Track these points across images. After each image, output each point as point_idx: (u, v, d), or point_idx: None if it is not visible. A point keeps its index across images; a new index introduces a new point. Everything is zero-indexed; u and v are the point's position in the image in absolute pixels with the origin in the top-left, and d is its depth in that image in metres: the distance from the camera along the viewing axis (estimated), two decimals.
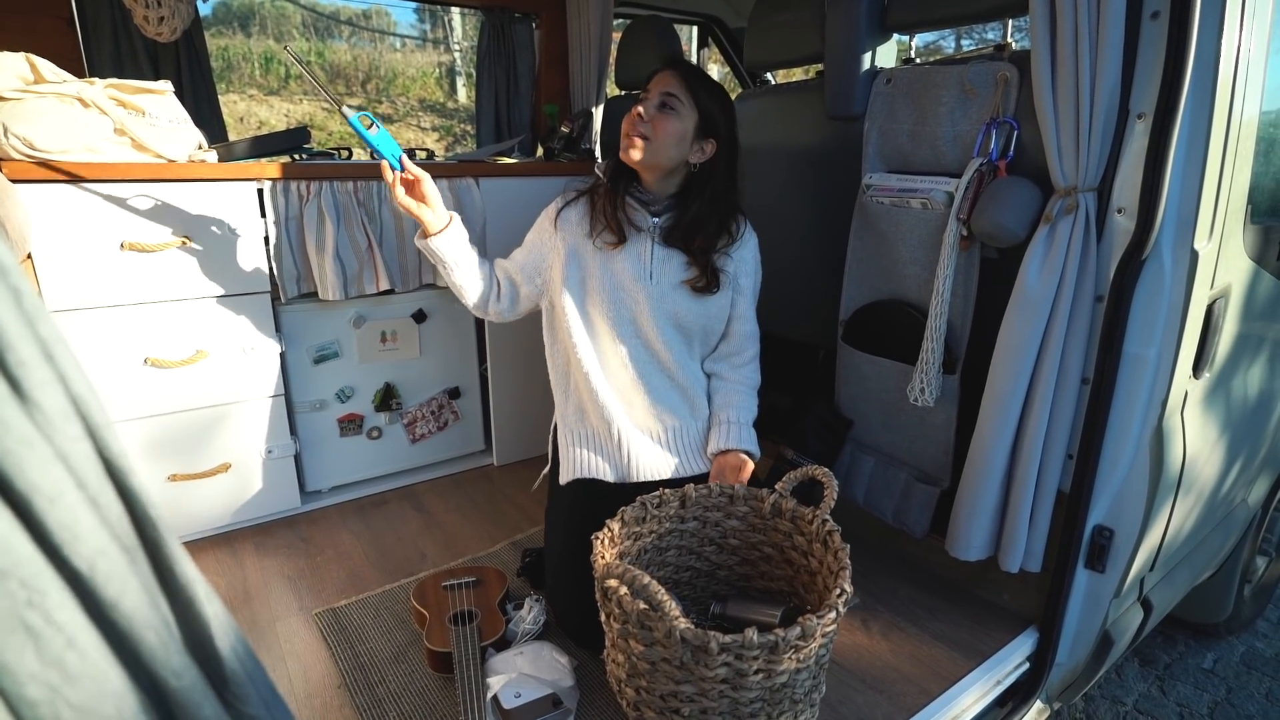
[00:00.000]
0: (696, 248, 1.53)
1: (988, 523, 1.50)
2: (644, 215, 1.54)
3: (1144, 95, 1.26)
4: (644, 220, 1.53)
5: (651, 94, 1.48)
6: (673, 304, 1.53)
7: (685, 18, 3.22)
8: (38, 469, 0.26)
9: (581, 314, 1.54)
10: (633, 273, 1.52)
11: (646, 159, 1.47)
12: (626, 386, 1.56)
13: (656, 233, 1.53)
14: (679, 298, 1.53)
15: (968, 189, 1.47)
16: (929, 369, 1.55)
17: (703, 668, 1.03)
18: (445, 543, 1.88)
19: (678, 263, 1.53)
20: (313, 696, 1.35)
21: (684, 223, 1.53)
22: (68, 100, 1.50)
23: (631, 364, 1.54)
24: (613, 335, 1.53)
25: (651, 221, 1.53)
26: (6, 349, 0.26)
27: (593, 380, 1.53)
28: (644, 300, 1.52)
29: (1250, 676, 2.08)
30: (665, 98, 1.46)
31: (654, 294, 1.52)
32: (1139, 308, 1.33)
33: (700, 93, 1.48)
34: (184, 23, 1.99)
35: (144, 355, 1.68)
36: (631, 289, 1.52)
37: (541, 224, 1.60)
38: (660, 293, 1.52)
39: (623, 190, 1.54)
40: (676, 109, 1.46)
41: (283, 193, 1.77)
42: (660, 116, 1.45)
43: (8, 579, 0.25)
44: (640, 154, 1.46)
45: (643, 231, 1.53)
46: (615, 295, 1.52)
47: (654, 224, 1.53)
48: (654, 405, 1.57)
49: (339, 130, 8.87)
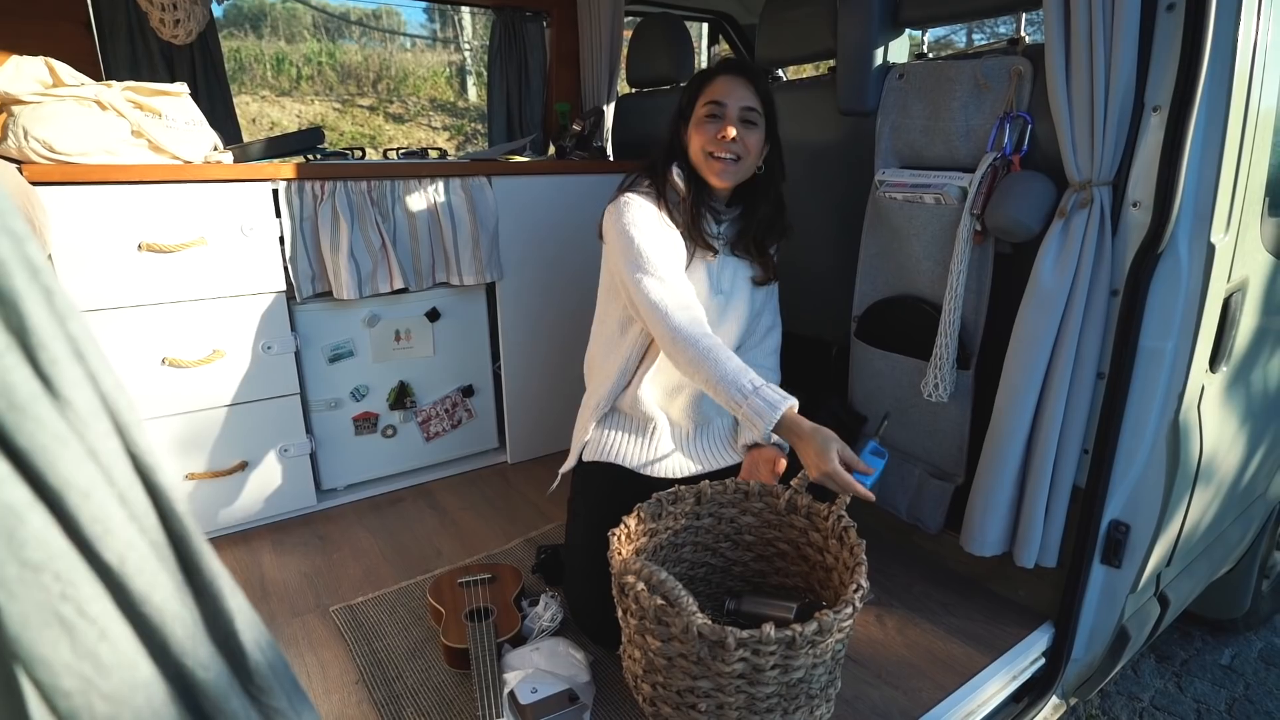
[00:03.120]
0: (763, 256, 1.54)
1: (1003, 518, 1.50)
2: (711, 223, 1.52)
3: (1159, 88, 1.24)
4: (711, 227, 1.52)
5: (729, 107, 1.42)
6: (734, 305, 1.54)
7: (696, 14, 3.21)
8: (70, 465, 0.27)
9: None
10: (706, 286, 1.51)
11: (734, 180, 1.46)
12: (673, 385, 1.57)
13: (722, 241, 1.52)
14: (737, 295, 1.54)
15: (981, 184, 1.46)
16: (943, 364, 1.54)
17: (720, 663, 1.03)
18: (460, 540, 1.89)
19: (742, 267, 1.54)
20: (331, 692, 1.36)
21: (754, 227, 1.53)
22: (86, 103, 1.51)
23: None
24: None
25: (717, 229, 1.52)
26: (39, 347, 0.26)
27: (651, 373, 1.53)
28: (712, 307, 1.52)
29: (1269, 673, 2.06)
30: (746, 112, 1.43)
31: (720, 302, 1.53)
32: (1155, 302, 1.31)
33: (768, 101, 1.46)
34: (199, 25, 2.01)
35: (161, 355, 1.70)
36: (704, 296, 1.51)
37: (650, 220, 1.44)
38: (725, 299, 1.53)
39: (703, 203, 1.49)
40: (756, 122, 1.44)
41: (297, 193, 1.78)
42: (747, 133, 1.43)
43: (43, 573, 0.26)
44: (733, 178, 1.44)
45: (711, 238, 1.51)
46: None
47: (719, 231, 1.52)
48: (691, 405, 1.58)
49: (350, 130, 8.93)
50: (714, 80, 1.46)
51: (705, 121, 1.44)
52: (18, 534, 0.25)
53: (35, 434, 0.25)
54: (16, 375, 0.25)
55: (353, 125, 9.09)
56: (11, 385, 0.25)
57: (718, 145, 1.42)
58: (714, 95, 1.44)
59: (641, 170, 1.55)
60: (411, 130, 9.48)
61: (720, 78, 1.46)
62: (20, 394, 0.25)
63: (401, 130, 9.39)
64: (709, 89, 1.46)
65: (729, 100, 1.43)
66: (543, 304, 2.24)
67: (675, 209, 1.48)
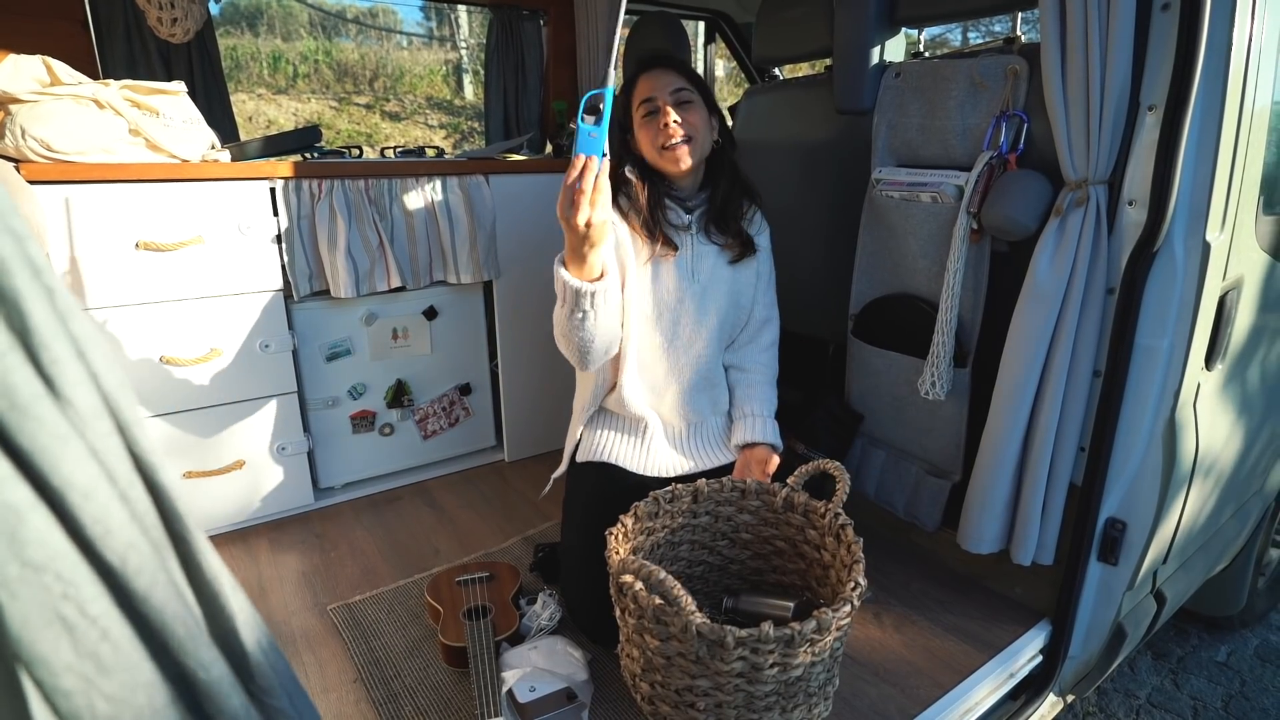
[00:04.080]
0: (733, 228, 1.54)
1: (999, 516, 1.50)
2: (679, 213, 1.52)
3: (1155, 87, 1.25)
4: (680, 218, 1.52)
5: (660, 98, 1.43)
6: (712, 295, 1.54)
7: (692, 13, 3.21)
8: (72, 465, 0.27)
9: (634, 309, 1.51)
10: (678, 274, 1.51)
11: (696, 158, 1.46)
12: (659, 383, 1.56)
13: (695, 228, 1.53)
14: (716, 283, 1.54)
15: (978, 182, 1.46)
16: (940, 362, 1.55)
17: (719, 662, 1.03)
18: (458, 538, 1.89)
19: (715, 249, 1.54)
20: (329, 691, 1.36)
21: (718, 206, 1.54)
22: (83, 102, 1.51)
23: (667, 360, 1.55)
24: (654, 334, 1.53)
25: (687, 218, 1.53)
26: (41, 348, 0.26)
27: (631, 374, 1.53)
28: (688, 300, 1.52)
29: (1265, 669, 2.07)
30: (678, 94, 1.44)
31: (695, 291, 1.53)
32: (1151, 300, 1.32)
33: (694, 76, 1.47)
34: (196, 24, 2.00)
35: (159, 353, 1.69)
36: (676, 290, 1.52)
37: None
38: (701, 289, 1.53)
39: (660, 196, 1.50)
40: (691, 100, 1.45)
41: (295, 191, 1.78)
42: (686, 112, 1.44)
43: (44, 573, 0.26)
44: (692, 157, 1.45)
45: (681, 230, 1.52)
46: (660, 296, 1.51)
47: (689, 220, 1.53)
48: (680, 403, 1.58)
49: (347, 128, 8.91)
50: (637, 83, 1.48)
51: (645, 121, 1.46)
52: (19, 534, 0.25)
53: (37, 434, 0.26)
54: (19, 375, 0.25)
55: (349, 123, 9.08)
56: (14, 386, 0.25)
57: (666, 135, 1.43)
58: (643, 95, 1.46)
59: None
60: (408, 128, 9.47)
61: (641, 78, 1.47)
62: (22, 394, 0.25)
63: (398, 128, 9.38)
64: (636, 92, 1.47)
65: (658, 93, 1.44)
66: (540, 302, 2.24)
67: (631, 212, 1.49)
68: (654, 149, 1.45)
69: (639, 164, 1.50)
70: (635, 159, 1.51)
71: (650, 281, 1.50)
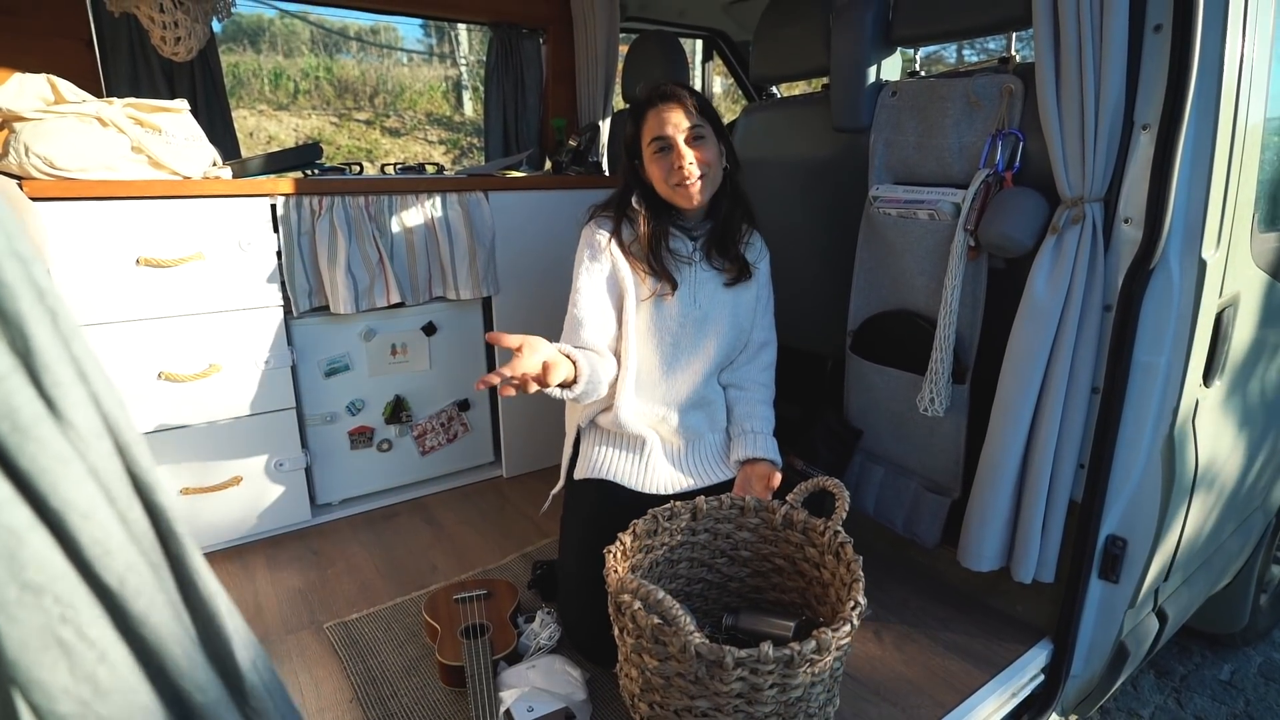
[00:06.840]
0: (732, 252, 1.55)
1: (999, 533, 1.50)
2: (684, 241, 1.53)
3: (1148, 106, 1.26)
4: (684, 246, 1.53)
5: (675, 134, 1.42)
6: (713, 319, 1.55)
7: (690, 32, 3.24)
8: (72, 486, 0.27)
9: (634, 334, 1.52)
10: (679, 301, 1.52)
11: (708, 194, 1.47)
12: (656, 402, 1.56)
13: (698, 255, 1.54)
14: (717, 308, 1.55)
15: (974, 200, 1.47)
16: (938, 379, 1.55)
17: (718, 682, 1.02)
18: (456, 555, 1.88)
19: (715, 274, 1.55)
20: (325, 710, 1.35)
21: (720, 229, 1.54)
22: (87, 120, 1.52)
23: (665, 382, 1.55)
24: (653, 356, 1.54)
25: (691, 245, 1.53)
26: (43, 370, 0.26)
27: (629, 394, 1.53)
28: (689, 325, 1.53)
29: (1269, 688, 2.05)
30: (692, 131, 1.43)
31: (697, 317, 1.54)
32: (1148, 317, 1.32)
33: (706, 107, 1.47)
34: (200, 42, 2.02)
35: (158, 369, 1.69)
36: (678, 316, 1.53)
37: (591, 265, 1.51)
38: (702, 314, 1.54)
39: (665, 228, 1.51)
40: (705, 135, 1.45)
41: (295, 208, 1.79)
42: (699, 149, 1.44)
43: (43, 595, 0.26)
44: (704, 194, 1.46)
45: (684, 258, 1.52)
46: (661, 324, 1.52)
47: (693, 246, 1.54)
48: (680, 423, 1.58)
49: (347, 144, 8.96)
50: (647, 118, 1.46)
51: (657, 157, 1.46)
52: (19, 556, 0.25)
53: (38, 456, 0.26)
54: (21, 397, 0.25)
55: (349, 139, 9.13)
56: (15, 408, 0.25)
57: (676, 174, 1.43)
58: (655, 132, 1.44)
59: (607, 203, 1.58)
60: (408, 144, 9.53)
61: (651, 114, 1.46)
62: (24, 416, 0.25)
63: (398, 144, 9.44)
64: (647, 127, 1.46)
65: (670, 131, 1.43)
66: (538, 318, 2.24)
67: (632, 246, 1.50)
68: (666, 184, 1.46)
69: (648, 195, 1.51)
70: (644, 188, 1.51)
71: (652, 308, 1.51)
